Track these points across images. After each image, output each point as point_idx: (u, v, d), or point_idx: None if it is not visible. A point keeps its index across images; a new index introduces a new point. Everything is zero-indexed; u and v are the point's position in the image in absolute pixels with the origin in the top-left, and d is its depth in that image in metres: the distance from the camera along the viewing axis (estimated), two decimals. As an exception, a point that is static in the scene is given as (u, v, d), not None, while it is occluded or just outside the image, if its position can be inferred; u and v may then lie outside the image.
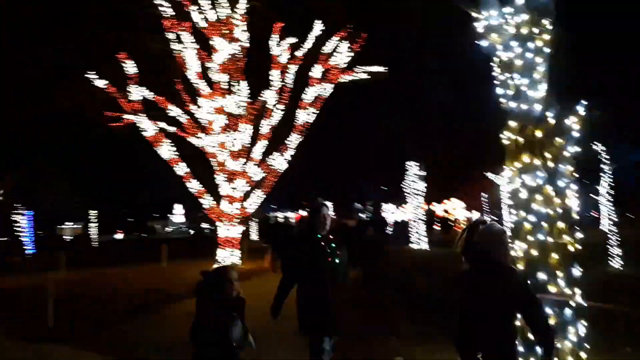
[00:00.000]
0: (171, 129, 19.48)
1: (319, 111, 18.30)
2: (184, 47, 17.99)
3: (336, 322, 4.58)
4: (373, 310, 9.52)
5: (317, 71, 18.81)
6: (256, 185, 18.98)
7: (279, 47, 19.02)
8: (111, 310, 11.21)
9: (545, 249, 4.50)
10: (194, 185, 19.25)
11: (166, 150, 18.99)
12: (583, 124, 4.30)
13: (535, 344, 4.02)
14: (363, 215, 63.87)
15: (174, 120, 19.70)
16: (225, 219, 18.96)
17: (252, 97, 18.53)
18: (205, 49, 17.95)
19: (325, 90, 18.08)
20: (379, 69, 17.67)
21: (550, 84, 4.56)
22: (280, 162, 18.51)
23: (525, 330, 4.29)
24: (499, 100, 4.84)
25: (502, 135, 4.78)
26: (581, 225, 4.49)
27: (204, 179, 19.70)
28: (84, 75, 18.20)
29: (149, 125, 18.69)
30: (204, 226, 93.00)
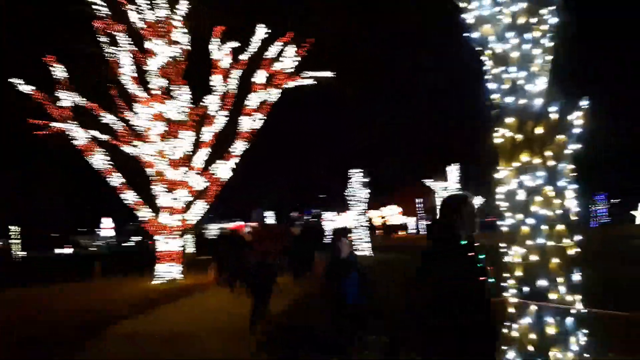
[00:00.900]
0: (104, 137, 18.34)
1: (265, 117, 17.68)
2: (118, 50, 16.98)
3: None
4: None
5: (260, 76, 18.32)
6: (198, 196, 18.08)
7: (220, 52, 18.39)
8: (44, 333, 10.08)
9: (545, 254, 4.19)
10: (129, 197, 18.12)
11: (99, 159, 17.80)
12: (587, 119, 4.03)
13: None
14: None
15: (107, 127, 18.56)
16: (165, 231, 17.92)
17: (194, 103, 17.67)
18: (143, 52, 16.98)
19: (271, 95, 17.51)
20: (326, 74, 17.30)
21: (553, 76, 4.27)
22: (224, 170, 17.73)
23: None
24: (489, 97, 4.51)
25: (495, 133, 4.44)
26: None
27: (141, 190, 18.64)
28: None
29: (80, 134, 17.46)
30: (134, 240, 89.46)
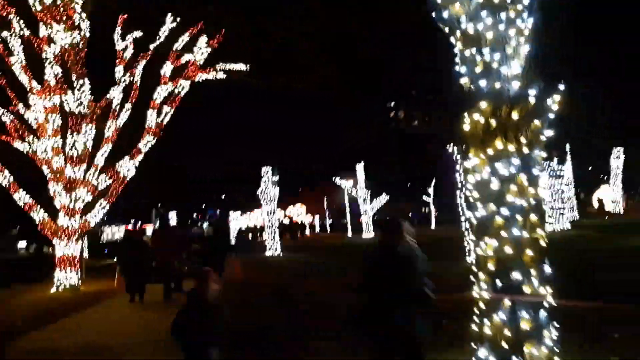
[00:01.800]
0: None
1: (172, 110, 16.72)
2: (10, 35, 15.35)
3: None
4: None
5: (167, 69, 17.38)
6: (100, 195, 16.74)
7: (123, 42, 17.22)
8: None
9: (519, 245, 4.06)
10: (21, 197, 16.43)
11: (-15, 156, 15.99)
12: (563, 105, 3.93)
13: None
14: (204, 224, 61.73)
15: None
16: (63, 234, 16.42)
17: (96, 95, 16.34)
18: (38, 38, 15.44)
19: (182, 88, 16.59)
20: (240, 66, 16.67)
21: (532, 59, 4.14)
22: (129, 168, 16.55)
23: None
24: (458, 82, 4.32)
25: (465, 118, 4.24)
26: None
27: (34, 190, 16.99)
28: None
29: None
30: (20, 246, 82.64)
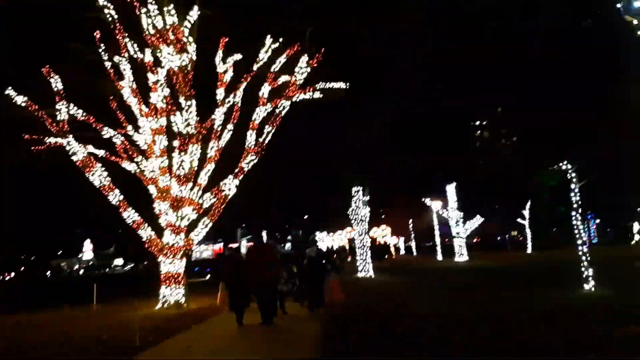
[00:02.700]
0: (101, 152, 17.42)
1: (273, 130, 16.87)
2: (122, 59, 16.20)
3: None
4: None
5: (265, 90, 17.63)
6: (204, 213, 17.10)
7: (225, 64, 17.70)
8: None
9: None
10: (130, 215, 17.08)
11: (97, 176, 16.78)
12: None
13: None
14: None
15: (105, 142, 17.66)
16: (169, 252, 16.86)
17: (200, 116, 16.82)
18: (149, 60, 16.15)
19: (283, 108, 16.72)
20: (339, 85, 16.59)
21: None
22: (231, 186, 16.82)
23: None
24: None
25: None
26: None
27: (140, 208, 17.65)
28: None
29: (78, 148, 16.48)
30: (116, 263, 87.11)
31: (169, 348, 10.08)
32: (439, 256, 39.23)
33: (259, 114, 17.56)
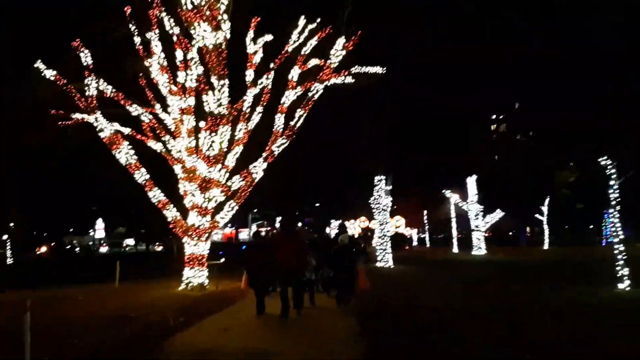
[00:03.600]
0: (126, 130, 17.17)
1: (305, 113, 16.53)
2: (152, 35, 15.92)
3: None
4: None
5: (295, 73, 17.25)
6: (231, 196, 16.86)
7: (255, 45, 17.32)
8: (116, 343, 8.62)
9: None
10: (156, 195, 16.89)
11: (124, 154, 16.58)
12: None
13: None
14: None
15: (131, 120, 17.42)
16: (194, 233, 16.67)
17: (231, 97, 16.53)
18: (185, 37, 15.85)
19: (317, 91, 16.36)
20: (376, 69, 16.17)
21: None
22: (259, 169, 16.54)
23: None
24: None
25: None
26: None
27: (165, 188, 17.45)
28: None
29: (106, 125, 16.27)
30: (127, 243, 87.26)
31: (205, 329, 9.91)
32: (454, 248, 38.90)
33: (289, 97, 17.23)
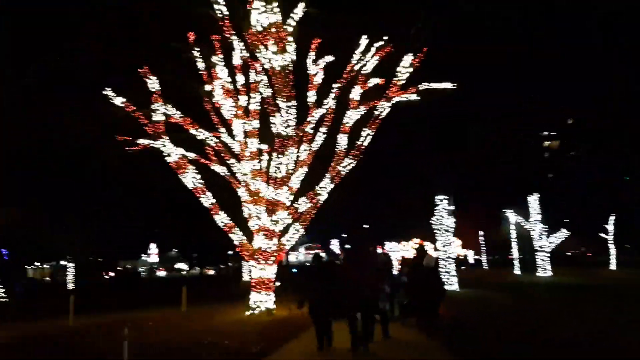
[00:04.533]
0: (191, 154, 17.20)
1: (373, 132, 16.19)
2: (217, 60, 16.04)
3: None
4: None
5: (356, 92, 17.03)
6: (297, 218, 16.62)
7: (316, 66, 17.24)
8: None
9: None
10: (222, 218, 16.82)
11: (190, 178, 16.63)
12: None
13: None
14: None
15: (194, 145, 17.52)
16: (260, 257, 16.46)
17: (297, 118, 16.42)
18: (253, 59, 15.88)
19: (384, 109, 16.04)
20: (447, 85, 15.72)
21: None
22: (326, 190, 16.26)
23: None
24: None
25: None
26: None
27: (228, 212, 17.37)
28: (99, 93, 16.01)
29: (173, 150, 16.38)
30: (179, 267, 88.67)
31: (288, 354, 9.59)
32: (516, 270, 37.46)
33: (351, 117, 17.00)
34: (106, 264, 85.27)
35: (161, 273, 79.35)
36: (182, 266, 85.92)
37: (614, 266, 38.19)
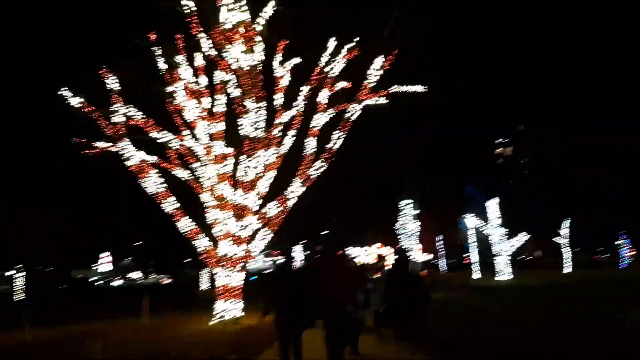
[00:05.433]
0: (152, 158, 16.46)
1: (344, 135, 15.90)
2: (181, 60, 15.47)
3: None
4: None
5: (323, 95, 16.75)
6: (265, 223, 16.15)
7: (283, 68, 16.87)
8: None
9: None
10: (185, 224, 16.18)
11: (152, 182, 15.94)
12: None
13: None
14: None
15: (156, 148, 16.83)
16: (227, 263, 15.89)
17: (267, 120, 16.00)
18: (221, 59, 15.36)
19: (355, 110, 15.77)
20: (417, 88, 15.58)
21: None
22: (296, 195, 15.88)
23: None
24: None
25: None
26: None
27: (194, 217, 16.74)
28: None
29: (134, 153, 15.67)
30: (131, 276, 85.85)
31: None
32: (475, 274, 37.93)
33: (320, 120, 16.69)
34: (58, 273, 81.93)
35: (117, 282, 76.74)
36: (136, 275, 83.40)
37: (569, 268, 39.15)
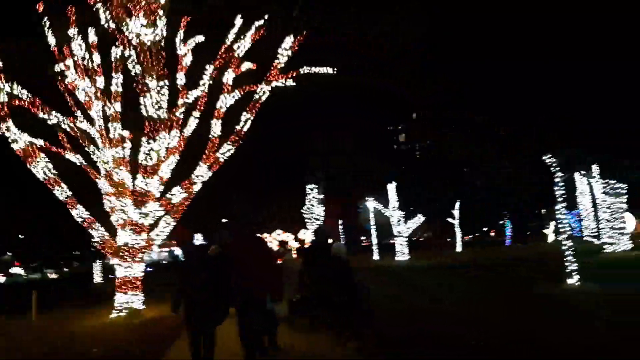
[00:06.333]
0: (38, 141, 15.02)
1: (252, 117, 15.38)
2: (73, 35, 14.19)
3: None
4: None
5: (229, 76, 16.15)
6: (169, 210, 15.34)
7: (185, 46, 16.08)
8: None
9: None
10: (80, 213, 15.00)
11: (41, 168, 14.58)
12: None
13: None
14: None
15: (46, 130, 15.41)
16: (127, 254, 14.94)
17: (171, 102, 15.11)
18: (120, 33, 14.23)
19: (263, 93, 15.29)
20: (327, 70, 15.38)
21: None
22: (202, 180, 15.21)
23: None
24: None
25: None
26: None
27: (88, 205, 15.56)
28: None
29: (19, 136, 14.22)
30: (16, 271, 79.50)
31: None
32: (375, 256, 39.09)
33: (225, 101, 16.08)
34: None
35: (-1, 279, 70.32)
36: (18, 270, 77.02)
37: (459, 248, 41.60)
